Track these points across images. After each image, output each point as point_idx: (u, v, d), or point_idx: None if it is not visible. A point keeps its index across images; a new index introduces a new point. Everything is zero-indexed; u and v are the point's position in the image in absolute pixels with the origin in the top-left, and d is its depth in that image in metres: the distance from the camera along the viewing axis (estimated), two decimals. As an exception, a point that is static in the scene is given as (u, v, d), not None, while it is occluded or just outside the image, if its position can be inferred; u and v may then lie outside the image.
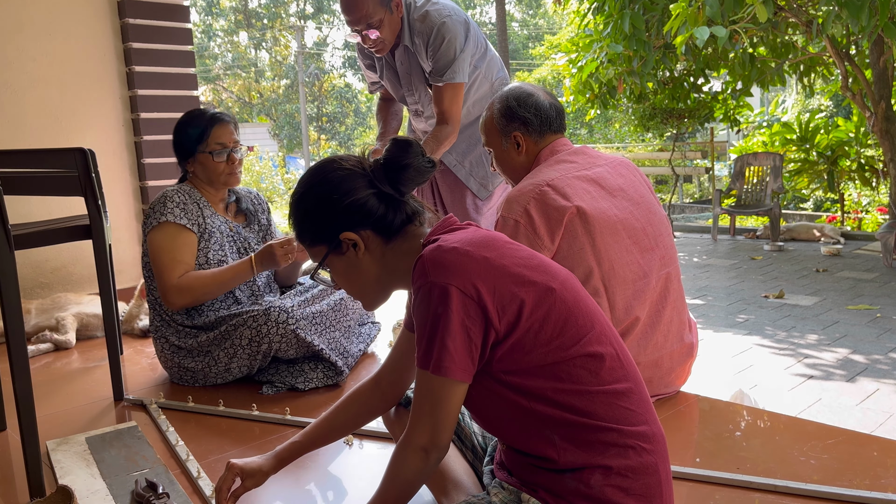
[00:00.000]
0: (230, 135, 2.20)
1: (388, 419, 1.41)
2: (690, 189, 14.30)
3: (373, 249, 1.15)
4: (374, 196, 1.14)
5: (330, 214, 1.14)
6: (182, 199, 2.17)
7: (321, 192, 1.15)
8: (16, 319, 1.46)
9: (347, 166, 1.15)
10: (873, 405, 3.03)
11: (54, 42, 3.26)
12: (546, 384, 1.01)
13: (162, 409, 2.02)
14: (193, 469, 1.59)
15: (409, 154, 1.13)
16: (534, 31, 27.57)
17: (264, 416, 1.92)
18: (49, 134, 3.25)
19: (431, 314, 1.00)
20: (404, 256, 1.15)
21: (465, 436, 1.34)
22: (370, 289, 1.19)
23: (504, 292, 1.00)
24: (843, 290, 5.14)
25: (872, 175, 7.75)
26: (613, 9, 6.31)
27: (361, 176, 1.14)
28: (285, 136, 25.08)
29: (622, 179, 1.86)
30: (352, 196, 1.13)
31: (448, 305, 0.99)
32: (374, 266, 1.16)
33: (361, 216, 1.13)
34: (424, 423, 1.03)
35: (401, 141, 1.14)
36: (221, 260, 2.21)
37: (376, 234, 1.14)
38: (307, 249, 1.20)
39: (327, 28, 28.84)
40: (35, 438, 1.47)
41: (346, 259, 1.16)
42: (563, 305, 1.03)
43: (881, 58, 6.18)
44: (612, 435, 1.01)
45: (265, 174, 12.62)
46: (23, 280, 3.11)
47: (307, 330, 2.11)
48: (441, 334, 0.99)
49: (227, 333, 2.10)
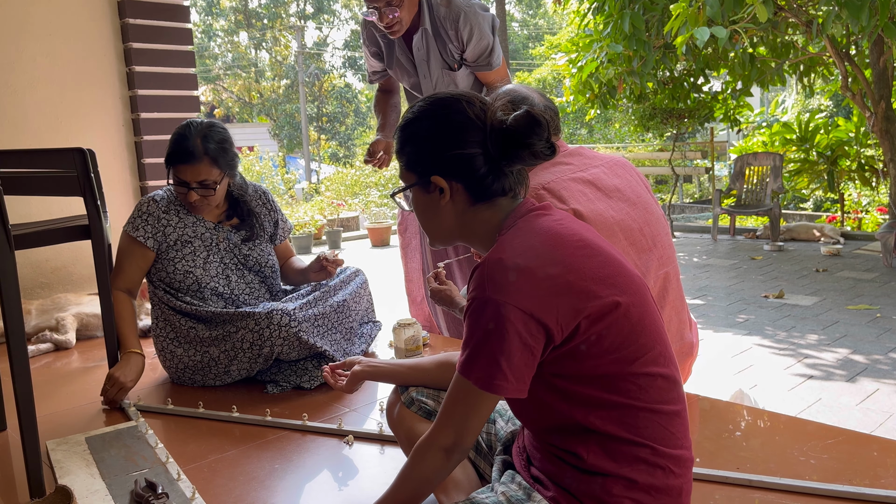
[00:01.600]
0: (193, 174, 2.09)
1: (392, 419, 1.41)
2: (690, 189, 14.30)
3: (457, 202, 1.12)
4: (481, 156, 1.09)
5: (433, 152, 1.11)
6: (151, 210, 2.18)
7: (435, 128, 1.11)
8: (16, 319, 1.46)
9: (471, 114, 1.09)
10: (873, 405, 3.03)
11: (55, 42, 3.26)
12: (593, 392, 1.00)
13: (141, 411, 2.01)
14: (174, 471, 1.59)
15: (535, 135, 1.06)
16: (534, 31, 27.57)
17: (244, 418, 1.91)
18: (49, 134, 3.25)
19: (482, 329, 0.97)
20: (482, 223, 1.12)
21: None
22: (439, 231, 1.17)
23: (565, 310, 0.97)
24: (842, 290, 5.14)
25: (872, 175, 7.75)
26: (613, 9, 6.31)
27: (479, 130, 1.09)
28: (285, 136, 25.07)
29: (618, 180, 1.86)
30: (461, 147, 1.09)
31: (503, 324, 0.96)
32: (451, 217, 1.13)
33: (460, 169, 1.09)
34: (452, 425, 1.02)
35: (534, 117, 1.06)
36: (188, 271, 2.17)
37: (466, 191, 1.11)
38: (400, 167, 1.17)
39: (327, 28, 28.85)
40: (35, 438, 1.47)
41: (428, 197, 1.13)
42: (626, 321, 1.00)
43: (881, 58, 6.18)
44: (646, 452, 1.00)
45: (265, 174, 12.62)
46: (23, 280, 3.11)
47: (309, 332, 2.10)
48: (492, 350, 0.97)
49: (227, 335, 2.09)
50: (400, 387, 1.39)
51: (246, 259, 2.28)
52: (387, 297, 4.58)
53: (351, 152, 24.05)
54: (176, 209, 2.20)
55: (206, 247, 2.22)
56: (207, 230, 2.23)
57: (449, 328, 2.76)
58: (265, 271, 2.33)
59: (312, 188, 14.85)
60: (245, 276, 2.28)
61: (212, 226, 2.24)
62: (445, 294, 2.01)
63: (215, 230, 2.24)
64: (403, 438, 1.36)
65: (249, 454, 1.71)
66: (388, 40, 2.49)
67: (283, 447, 1.74)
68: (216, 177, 2.12)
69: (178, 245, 2.17)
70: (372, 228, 8.98)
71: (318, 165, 24.00)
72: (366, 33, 2.54)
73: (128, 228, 2.16)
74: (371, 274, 2.71)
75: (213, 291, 2.21)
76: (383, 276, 5.97)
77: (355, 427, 1.82)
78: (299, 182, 16.70)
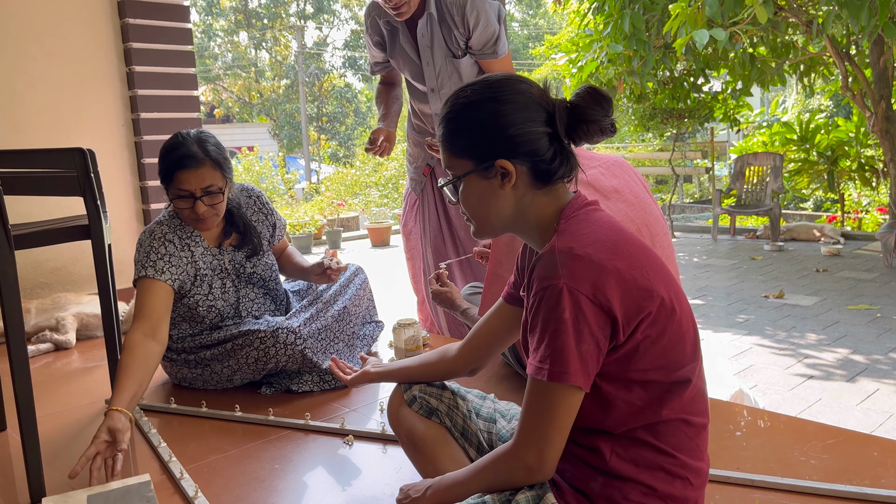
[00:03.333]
0: (198, 180, 1.94)
1: (393, 418, 1.37)
2: (690, 189, 14.30)
3: (518, 188, 1.06)
4: (546, 136, 1.04)
5: (497, 135, 1.04)
6: (169, 250, 1.99)
7: (498, 109, 1.04)
8: (16, 319, 1.45)
9: (534, 92, 1.05)
10: (873, 405, 3.03)
11: (55, 42, 3.25)
12: (633, 398, 0.98)
13: (145, 410, 2.01)
14: (176, 470, 1.59)
15: (601, 110, 1.03)
16: (534, 31, 27.56)
17: (247, 417, 1.91)
18: (49, 134, 3.25)
19: (555, 319, 0.93)
20: (539, 211, 1.07)
21: (472, 433, 1.31)
22: (492, 220, 1.10)
23: (630, 306, 0.95)
24: (843, 290, 5.14)
25: (872, 175, 7.74)
26: (613, 9, 6.31)
27: (543, 109, 1.04)
28: (285, 136, 25.07)
29: (616, 180, 1.85)
30: (528, 127, 1.03)
31: (576, 313, 0.93)
32: (510, 203, 1.07)
33: (527, 151, 1.04)
34: (535, 439, 0.97)
35: (597, 93, 1.03)
36: (211, 306, 2.10)
37: (530, 173, 1.05)
38: (448, 156, 1.10)
39: (327, 28, 28.84)
40: (35, 438, 1.47)
41: (488, 184, 1.06)
42: (677, 329, 0.99)
43: (881, 57, 6.18)
44: (669, 461, 0.99)
45: (265, 174, 12.62)
46: (23, 280, 3.11)
47: (314, 349, 2.09)
48: (567, 340, 0.93)
49: (231, 352, 2.07)
50: (403, 385, 1.37)
51: (251, 277, 2.23)
52: (387, 296, 4.58)
53: (351, 152, 24.04)
54: (186, 243, 2.06)
55: (218, 276, 2.14)
56: (214, 257, 2.13)
57: (450, 328, 2.76)
58: (269, 284, 2.29)
59: (312, 188, 14.85)
60: (251, 292, 2.24)
61: (216, 251, 2.14)
62: (446, 296, 2.01)
63: (220, 254, 2.15)
64: (404, 438, 1.34)
65: (250, 454, 1.71)
66: (392, 28, 2.47)
67: (284, 447, 1.74)
68: (220, 182, 1.98)
69: (197, 281, 2.08)
70: (372, 228, 8.98)
71: (318, 165, 23.99)
72: (369, 22, 2.53)
73: (150, 274, 1.94)
74: (371, 274, 2.70)
75: (229, 317, 2.18)
76: (383, 276, 5.97)
77: (357, 427, 1.82)
78: (299, 182, 16.69)
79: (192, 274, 2.07)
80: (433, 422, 1.31)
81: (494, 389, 1.99)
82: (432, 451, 1.29)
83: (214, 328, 2.15)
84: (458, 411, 1.31)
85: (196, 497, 1.46)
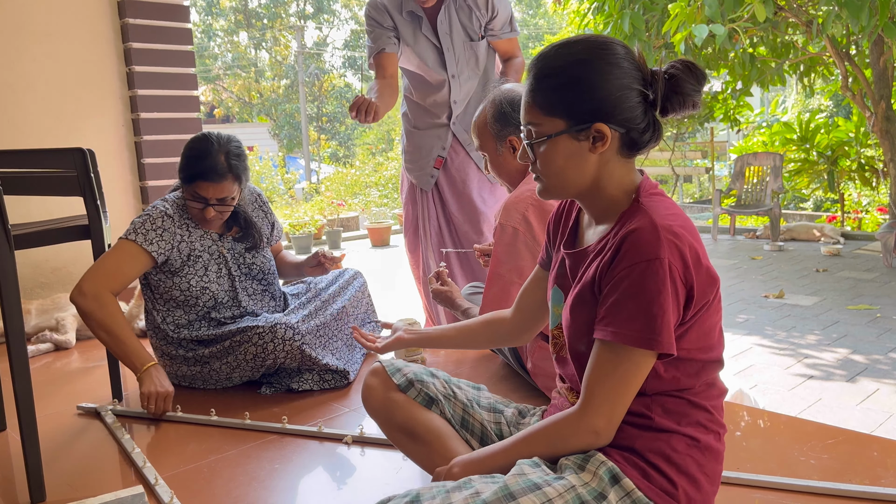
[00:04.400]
0: (216, 191, 2.04)
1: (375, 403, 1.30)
2: (690, 189, 14.30)
3: (606, 154, 1.04)
4: (643, 105, 1.03)
5: (600, 96, 1.01)
6: (166, 226, 2.07)
7: (605, 70, 1.01)
8: (16, 319, 1.45)
9: (635, 58, 1.04)
10: (873, 405, 3.03)
11: (55, 42, 3.25)
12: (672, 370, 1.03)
13: (118, 416, 1.99)
14: (151, 476, 1.56)
15: (699, 84, 1.03)
16: (534, 31, 27.55)
17: (223, 422, 1.90)
18: (49, 134, 3.25)
19: (653, 291, 0.96)
20: (617, 180, 1.06)
21: (474, 423, 1.27)
22: (569, 183, 1.07)
23: (703, 288, 1.00)
24: (843, 290, 5.14)
25: (872, 175, 7.74)
26: (613, 9, 6.31)
27: (642, 77, 1.04)
28: (285, 136, 25.06)
29: None
30: (629, 93, 1.02)
31: (673, 287, 0.96)
32: (594, 168, 1.05)
33: (625, 116, 1.02)
34: (605, 402, 1.00)
35: (694, 67, 1.03)
36: (205, 287, 2.12)
37: (620, 140, 1.04)
38: (535, 113, 1.06)
39: (327, 28, 28.83)
40: (35, 438, 1.47)
41: (577, 146, 1.04)
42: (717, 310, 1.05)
43: (881, 58, 6.18)
44: (705, 415, 1.06)
45: (265, 174, 12.63)
46: (23, 280, 3.11)
47: (312, 345, 2.09)
48: (654, 308, 0.96)
49: (229, 349, 2.08)
50: (387, 366, 1.30)
51: (250, 269, 2.25)
52: (387, 296, 4.58)
53: (351, 152, 24.03)
54: (185, 223, 2.13)
55: (215, 260, 2.17)
56: (213, 242, 2.18)
57: None
58: (268, 278, 2.30)
59: (312, 188, 14.85)
60: (249, 285, 2.26)
61: (217, 237, 2.19)
62: (446, 294, 2.01)
63: (220, 241, 2.20)
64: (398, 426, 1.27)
65: (249, 454, 1.71)
66: (413, 17, 2.50)
67: (284, 447, 1.74)
68: (236, 192, 2.08)
69: (190, 261, 2.11)
70: (372, 228, 8.98)
71: (317, 165, 23.99)
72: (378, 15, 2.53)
73: (139, 240, 2.02)
74: (371, 274, 2.71)
75: (224, 305, 2.19)
76: (383, 276, 5.97)
77: (358, 427, 1.82)
78: (299, 182, 16.68)
79: (186, 252, 2.11)
80: (434, 412, 1.25)
81: (494, 389, 1.99)
82: (439, 442, 1.23)
83: (211, 321, 2.16)
84: (457, 401, 1.27)
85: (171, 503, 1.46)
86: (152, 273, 2.13)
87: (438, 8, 2.47)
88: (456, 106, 2.59)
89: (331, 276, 2.44)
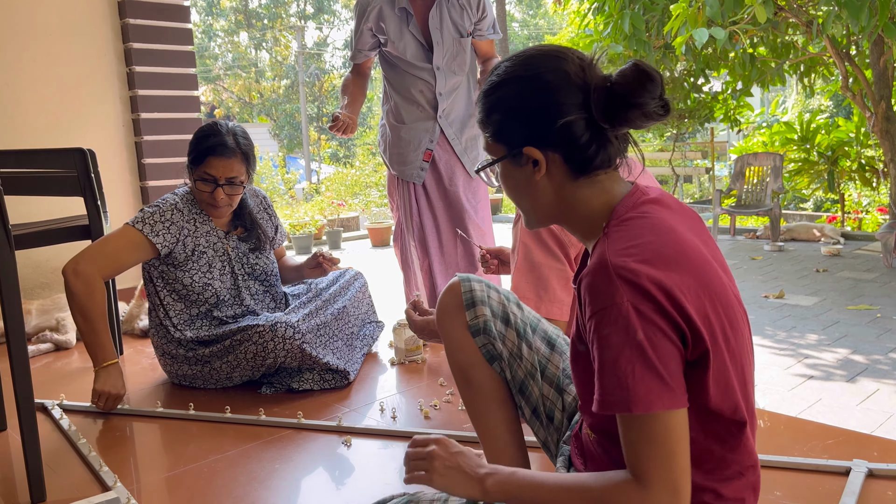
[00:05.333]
0: (226, 169, 2.06)
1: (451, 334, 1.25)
2: (690, 189, 14.30)
3: (554, 176, 0.95)
4: (583, 120, 0.92)
5: (525, 119, 0.94)
6: (175, 219, 2.09)
7: (526, 90, 0.94)
8: (16, 319, 1.46)
9: (570, 70, 0.92)
10: (873, 405, 3.03)
11: (55, 43, 3.26)
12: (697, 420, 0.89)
13: (66, 411, 2.03)
14: (96, 463, 1.62)
15: (647, 92, 0.89)
16: (534, 32, 27.55)
17: (169, 412, 1.93)
18: (49, 134, 3.25)
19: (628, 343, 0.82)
20: (583, 203, 0.96)
21: (531, 392, 1.21)
22: (535, 212, 1.01)
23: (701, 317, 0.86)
24: (843, 291, 5.14)
25: (873, 175, 7.74)
26: (613, 9, 6.32)
27: (580, 90, 0.92)
28: (285, 137, 25.06)
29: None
30: (559, 111, 0.92)
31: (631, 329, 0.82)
32: (548, 193, 0.97)
33: (558, 137, 0.93)
34: (665, 477, 0.82)
35: (644, 71, 0.89)
36: (207, 283, 2.13)
37: (565, 163, 0.94)
38: (485, 139, 1.01)
39: (327, 28, 28.85)
40: (35, 438, 1.47)
41: (521, 172, 0.97)
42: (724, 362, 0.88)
43: (881, 58, 6.18)
44: (711, 496, 0.92)
45: (265, 174, 12.63)
46: (23, 280, 3.11)
47: (313, 344, 2.09)
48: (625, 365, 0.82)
49: (230, 348, 2.08)
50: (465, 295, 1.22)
51: (253, 269, 2.26)
52: (388, 296, 4.58)
53: (351, 152, 24.03)
54: (194, 217, 2.14)
55: (219, 257, 2.18)
56: (219, 239, 2.19)
57: None
58: (270, 279, 2.31)
59: (313, 188, 14.84)
60: (252, 285, 2.27)
61: (222, 234, 2.20)
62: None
63: (225, 239, 2.21)
64: (459, 368, 1.23)
65: (249, 454, 1.71)
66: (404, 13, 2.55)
67: (284, 447, 1.74)
68: (244, 175, 2.10)
69: (194, 256, 2.12)
70: (372, 228, 8.98)
71: (318, 165, 23.98)
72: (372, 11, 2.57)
73: (144, 230, 2.04)
74: (372, 274, 2.71)
75: (226, 303, 2.19)
76: (384, 276, 5.97)
77: (357, 426, 1.82)
78: (299, 182, 16.69)
79: (191, 247, 2.12)
80: (493, 370, 1.22)
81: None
82: (486, 403, 1.21)
83: (213, 319, 2.16)
84: (521, 364, 1.21)
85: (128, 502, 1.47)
86: (156, 265, 2.14)
87: (431, 4, 2.54)
88: (442, 98, 2.60)
89: (331, 276, 2.45)
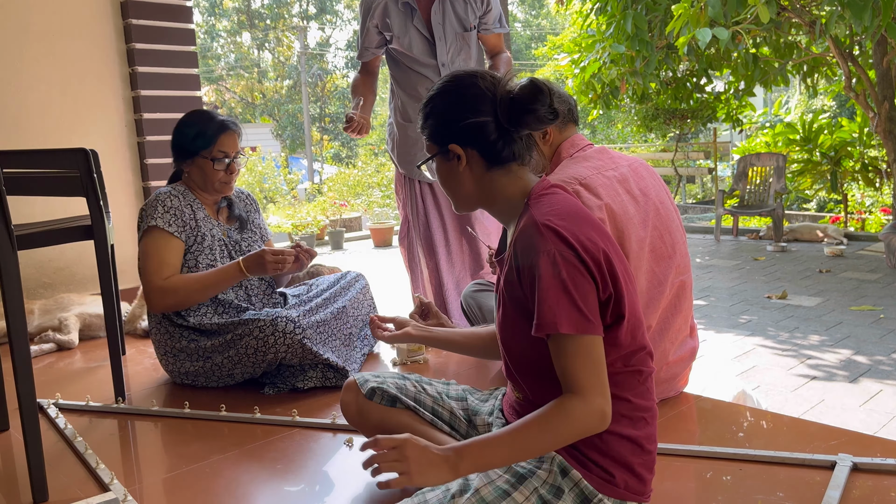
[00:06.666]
0: (234, 144, 2.19)
1: (353, 415, 1.51)
2: (693, 189, 14.29)
3: (473, 168, 1.24)
4: (492, 123, 1.21)
5: (448, 123, 1.23)
6: (174, 204, 2.16)
7: (449, 102, 1.24)
8: (19, 319, 1.46)
9: (482, 86, 1.22)
10: (876, 406, 3.03)
11: (57, 43, 3.26)
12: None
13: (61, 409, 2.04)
14: (92, 461, 1.63)
15: (538, 101, 1.18)
16: (536, 32, 27.54)
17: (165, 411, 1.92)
18: (52, 134, 3.26)
19: (557, 279, 1.08)
20: (500, 189, 1.24)
21: (443, 411, 1.46)
22: (461, 197, 1.29)
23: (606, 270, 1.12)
24: (846, 291, 5.13)
25: (876, 176, 7.73)
26: (616, 9, 6.31)
27: (490, 101, 1.21)
28: (288, 137, 25.07)
29: (643, 182, 1.82)
30: (473, 116, 1.21)
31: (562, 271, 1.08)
32: (470, 183, 1.25)
33: (473, 136, 1.22)
34: (596, 384, 1.08)
35: (537, 85, 1.19)
36: (210, 265, 2.18)
37: (481, 156, 1.23)
38: (425, 140, 1.28)
39: (330, 28, 28.85)
40: (37, 438, 1.47)
41: (449, 166, 1.26)
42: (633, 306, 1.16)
43: (884, 58, 6.16)
44: (626, 406, 1.15)
45: (268, 174, 12.62)
46: (26, 280, 3.12)
47: (313, 339, 2.10)
48: (572, 295, 1.07)
49: (231, 342, 2.08)
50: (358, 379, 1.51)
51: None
52: (389, 297, 4.58)
53: (353, 153, 24.04)
54: (189, 204, 2.20)
55: (218, 243, 2.24)
56: (214, 226, 2.24)
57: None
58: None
59: (315, 188, 14.84)
60: None
61: (215, 222, 2.26)
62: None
63: (218, 225, 2.26)
64: (374, 430, 1.44)
65: (251, 454, 1.71)
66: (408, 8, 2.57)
67: (285, 447, 1.74)
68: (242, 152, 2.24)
69: (197, 240, 2.18)
70: (374, 229, 8.99)
71: (320, 166, 23.99)
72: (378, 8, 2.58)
73: (159, 224, 2.11)
74: (373, 274, 2.72)
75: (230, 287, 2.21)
76: (386, 277, 5.97)
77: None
78: (302, 182, 16.68)
79: (195, 231, 2.18)
80: (399, 408, 1.46)
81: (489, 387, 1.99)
82: (410, 431, 1.37)
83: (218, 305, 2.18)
84: (427, 394, 1.48)
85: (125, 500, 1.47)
86: None
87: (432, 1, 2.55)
88: None
89: (333, 278, 2.47)
